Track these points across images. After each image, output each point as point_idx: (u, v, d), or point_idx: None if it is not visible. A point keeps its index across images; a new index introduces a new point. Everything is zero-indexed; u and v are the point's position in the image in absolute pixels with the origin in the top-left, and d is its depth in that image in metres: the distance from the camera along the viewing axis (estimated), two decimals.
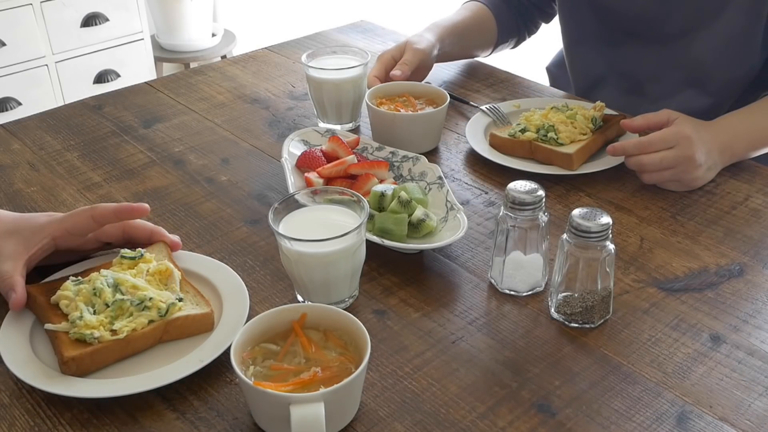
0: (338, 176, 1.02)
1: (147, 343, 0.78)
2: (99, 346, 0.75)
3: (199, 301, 0.82)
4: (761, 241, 0.95)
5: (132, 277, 0.81)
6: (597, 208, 0.79)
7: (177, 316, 0.78)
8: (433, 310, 0.85)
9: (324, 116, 1.24)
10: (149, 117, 1.30)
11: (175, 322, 0.78)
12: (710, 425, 0.71)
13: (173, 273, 0.83)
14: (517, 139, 1.11)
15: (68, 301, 0.79)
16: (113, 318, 0.77)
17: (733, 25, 1.18)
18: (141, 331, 0.77)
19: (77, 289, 0.80)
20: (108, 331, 0.76)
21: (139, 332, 0.77)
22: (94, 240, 0.89)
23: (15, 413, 0.73)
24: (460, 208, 0.95)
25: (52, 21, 2.64)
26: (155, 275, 0.83)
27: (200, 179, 1.11)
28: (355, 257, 0.83)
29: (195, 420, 0.72)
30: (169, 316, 0.78)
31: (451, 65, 1.45)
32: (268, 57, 1.53)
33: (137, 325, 0.77)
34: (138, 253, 0.85)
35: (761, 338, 0.81)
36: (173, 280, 0.83)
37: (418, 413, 0.72)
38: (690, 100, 1.25)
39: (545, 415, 0.72)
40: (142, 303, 0.78)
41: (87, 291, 0.79)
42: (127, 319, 0.77)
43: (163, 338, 0.79)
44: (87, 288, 0.79)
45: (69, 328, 0.76)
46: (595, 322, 0.82)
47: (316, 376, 0.70)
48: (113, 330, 0.76)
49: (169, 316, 0.78)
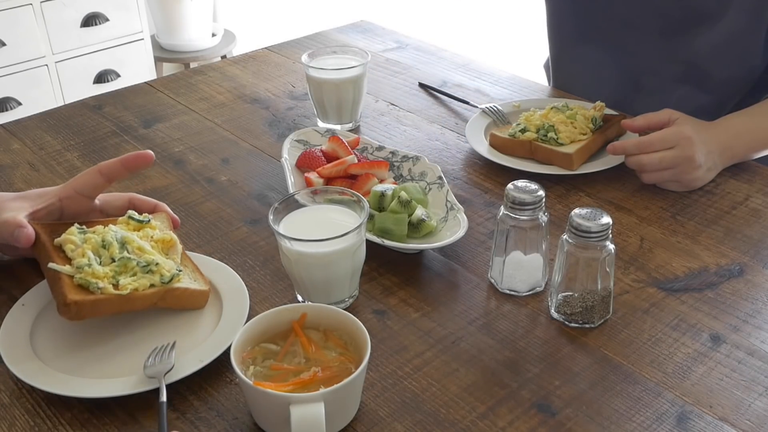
0: (338, 176, 1.02)
1: (144, 305, 0.79)
2: (101, 296, 0.76)
3: (197, 277, 0.84)
4: (761, 241, 0.95)
5: (139, 239, 0.82)
6: (597, 208, 0.79)
7: (177, 286, 0.80)
8: (433, 310, 0.85)
9: (324, 116, 1.24)
10: (149, 117, 1.30)
11: (174, 291, 0.80)
12: (710, 425, 0.71)
13: (176, 244, 0.85)
14: (517, 139, 1.11)
15: (74, 246, 0.80)
16: (117, 273, 0.79)
17: (734, 24, 1.18)
18: (142, 292, 0.78)
19: (84, 237, 0.81)
20: (110, 285, 0.77)
21: (139, 293, 0.78)
22: (99, 212, 0.90)
23: (15, 413, 0.73)
24: (460, 208, 0.95)
25: (52, 21, 2.64)
26: (159, 243, 0.84)
27: (200, 179, 1.11)
28: (355, 257, 0.83)
29: (195, 420, 0.72)
30: (170, 285, 0.80)
31: (451, 65, 1.46)
32: (268, 57, 1.53)
33: (140, 285, 0.78)
34: (146, 217, 0.86)
35: (761, 338, 0.81)
36: (175, 251, 0.85)
37: (418, 413, 0.72)
38: (688, 96, 1.24)
39: (545, 415, 0.72)
40: (148, 266, 0.80)
41: (95, 241, 0.80)
42: (131, 278, 0.79)
43: (158, 304, 0.80)
44: (96, 238, 0.80)
45: (74, 272, 0.77)
46: (595, 322, 0.82)
47: (316, 376, 0.70)
48: (115, 285, 0.78)
49: (171, 285, 0.80)
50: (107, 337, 0.81)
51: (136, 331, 0.81)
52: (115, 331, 0.82)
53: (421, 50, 1.53)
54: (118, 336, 0.81)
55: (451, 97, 1.32)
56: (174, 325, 0.82)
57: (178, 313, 0.84)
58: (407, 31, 1.64)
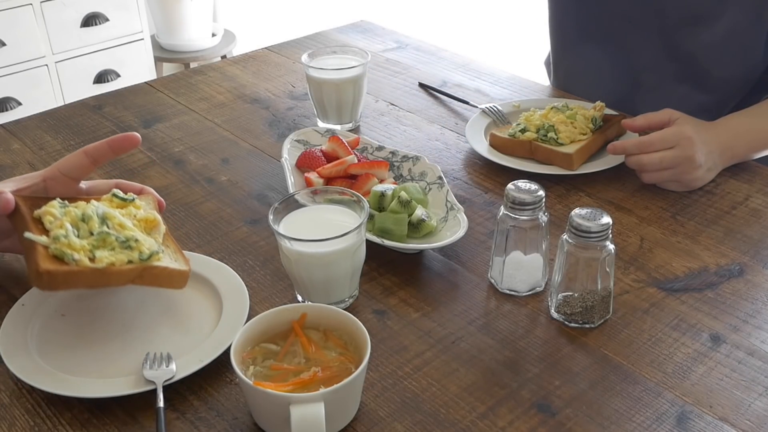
0: (338, 176, 1.02)
1: (119, 281, 0.77)
2: (75, 268, 0.75)
3: (179, 258, 0.82)
4: (761, 241, 0.95)
5: (121, 216, 0.81)
6: (597, 208, 0.79)
7: (156, 264, 0.78)
8: (433, 310, 0.85)
9: (324, 116, 1.24)
10: (149, 117, 1.30)
11: (152, 269, 0.78)
12: (710, 425, 0.71)
13: (160, 224, 0.84)
14: (517, 139, 1.11)
15: (53, 219, 0.79)
16: (95, 247, 0.77)
17: (733, 23, 1.18)
18: (118, 267, 0.76)
19: (64, 210, 0.80)
20: (86, 258, 0.76)
21: (116, 268, 0.76)
22: (86, 195, 0.89)
23: (15, 413, 0.73)
24: (460, 208, 0.95)
25: (52, 21, 2.64)
26: (142, 222, 0.83)
27: (200, 179, 1.11)
28: (355, 257, 0.83)
29: (195, 420, 0.72)
30: (148, 263, 0.78)
31: (451, 65, 1.46)
32: (268, 57, 1.53)
33: (117, 261, 0.76)
34: (130, 196, 0.85)
35: (761, 338, 0.81)
36: (158, 231, 0.83)
37: (418, 413, 0.72)
38: (688, 95, 1.24)
39: (545, 415, 0.72)
40: (127, 242, 0.78)
41: (75, 215, 0.79)
42: (109, 252, 0.77)
43: (135, 281, 0.78)
44: (76, 212, 0.79)
45: (50, 242, 0.76)
46: (595, 322, 0.82)
47: (316, 376, 0.70)
48: (92, 259, 0.76)
49: (149, 262, 0.78)
50: (107, 337, 0.81)
51: (136, 331, 0.81)
52: (114, 331, 0.82)
53: (421, 50, 1.53)
54: (117, 336, 0.81)
55: (451, 97, 1.32)
56: (174, 324, 0.82)
57: (178, 313, 0.84)
58: (407, 31, 1.64)
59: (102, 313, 0.84)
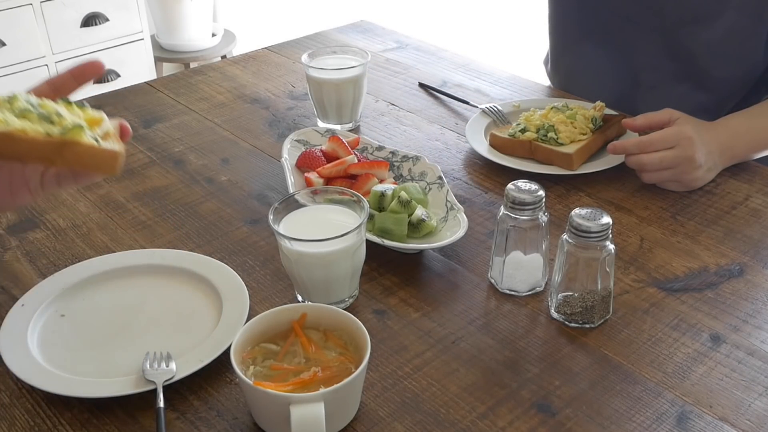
0: (338, 176, 1.02)
1: (34, 154, 0.69)
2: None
3: (112, 140, 0.73)
4: (761, 241, 0.95)
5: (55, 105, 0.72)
6: (597, 208, 0.79)
7: (79, 141, 0.69)
8: (433, 310, 0.85)
9: (324, 116, 1.24)
10: (149, 117, 1.30)
11: (74, 147, 0.69)
12: (710, 425, 0.71)
13: (104, 122, 0.74)
14: (517, 139, 1.11)
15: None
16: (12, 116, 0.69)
17: (732, 22, 1.18)
18: (31, 135, 0.68)
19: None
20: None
21: (28, 136, 0.68)
22: None
23: (15, 413, 0.73)
24: (460, 208, 0.95)
25: (52, 21, 2.64)
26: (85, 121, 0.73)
27: (200, 179, 1.11)
28: (355, 257, 0.83)
29: (195, 420, 0.72)
30: (69, 136, 0.69)
31: (451, 65, 1.46)
32: (268, 57, 1.53)
33: (30, 129, 0.68)
34: (80, 103, 0.76)
35: (761, 338, 0.81)
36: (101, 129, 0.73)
37: (418, 413, 0.72)
38: (687, 94, 1.24)
39: (545, 415, 0.72)
40: (49, 117, 0.70)
41: (2, 98, 0.71)
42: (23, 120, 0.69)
43: (56, 161, 0.70)
44: (4, 96, 0.71)
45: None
46: (595, 322, 0.82)
47: (316, 376, 0.70)
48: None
49: (70, 136, 0.69)
50: (107, 337, 0.81)
51: (135, 331, 0.82)
52: (114, 332, 0.82)
53: (421, 50, 1.53)
54: (117, 336, 0.81)
55: (451, 97, 1.32)
56: (174, 324, 0.82)
57: (178, 313, 0.84)
58: (407, 31, 1.64)
59: (102, 313, 0.84)
